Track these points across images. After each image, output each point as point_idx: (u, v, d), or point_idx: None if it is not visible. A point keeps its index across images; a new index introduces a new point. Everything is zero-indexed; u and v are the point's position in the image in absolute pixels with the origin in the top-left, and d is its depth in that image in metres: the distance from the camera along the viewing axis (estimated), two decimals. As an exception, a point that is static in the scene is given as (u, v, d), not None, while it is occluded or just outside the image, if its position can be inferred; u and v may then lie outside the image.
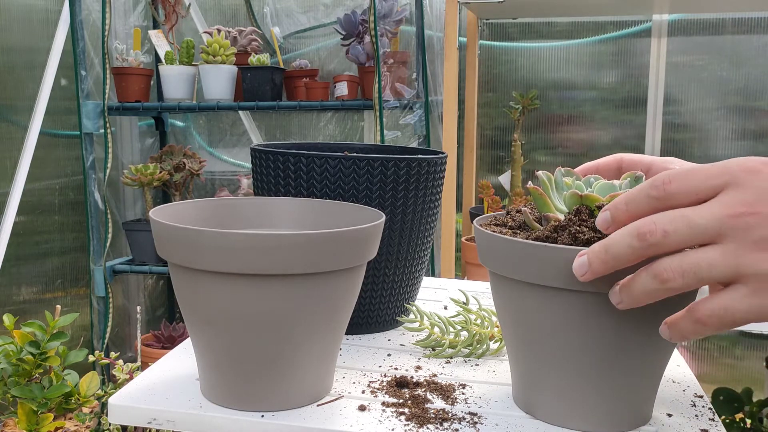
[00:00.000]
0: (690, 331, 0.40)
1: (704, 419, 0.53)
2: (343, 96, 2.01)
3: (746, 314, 0.38)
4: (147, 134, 2.49)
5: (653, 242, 0.38)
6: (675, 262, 0.38)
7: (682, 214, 0.38)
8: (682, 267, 0.38)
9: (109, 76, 2.08)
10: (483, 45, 2.13)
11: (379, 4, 1.89)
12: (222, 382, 0.53)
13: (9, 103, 1.97)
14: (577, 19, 2.06)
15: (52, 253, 2.15)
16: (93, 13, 2.16)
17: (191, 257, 0.48)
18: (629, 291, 0.41)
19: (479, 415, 0.53)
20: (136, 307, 1.78)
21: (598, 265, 0.41)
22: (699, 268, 0.38)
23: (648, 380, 0.50)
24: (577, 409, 0.50)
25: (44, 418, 1.23)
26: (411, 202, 0.69)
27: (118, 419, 0.54)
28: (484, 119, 2.18)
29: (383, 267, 0.71)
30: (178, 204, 0.58)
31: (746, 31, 1.95)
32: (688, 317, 0.40)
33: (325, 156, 0.66)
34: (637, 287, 0.40)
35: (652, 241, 0.38)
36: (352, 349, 0.68)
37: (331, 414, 0.53)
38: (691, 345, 2.06)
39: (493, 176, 2.16)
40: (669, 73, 2.01)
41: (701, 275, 0.38)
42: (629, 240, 0.39)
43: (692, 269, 0.38)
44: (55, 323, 1.26)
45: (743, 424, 1.59)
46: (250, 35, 2.14)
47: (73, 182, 2.20)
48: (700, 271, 0.38)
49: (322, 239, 0.48)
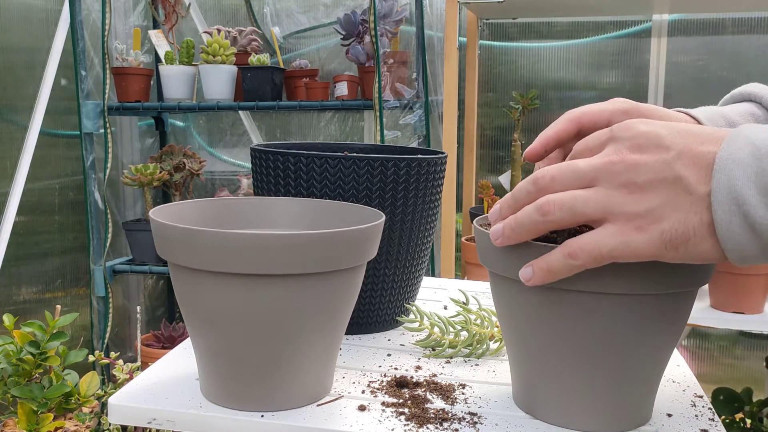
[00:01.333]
0: (560, 265, 0.43)
1: (704, 419, 0.53)
2: (343, 96, 2.01)
3: (612, 250, 0.41)
4: (147, 134, 2.49)
5: (543, 185, 0.44)
6: (556, 196, 0.43)
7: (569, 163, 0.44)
8: (561, 201, 0.42)
9: (109, 76, 2.08)
10: (483, 45, 2.13)
11: (379, 4, 1.89)
12: (222, 382, 0.53)
13: (9, 103, 1.97)
14: (577, 19, 2.06)
15: (52, 253, 2.15)
16: (93, 12, 2.16)
17: (191, 257, 0.48)
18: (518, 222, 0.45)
19: (479, 415, 0.53)
20: (136, 307, 1.78)
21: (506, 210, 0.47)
22: (575, 202, 0.42)
23: (648, 380, 0.50)
24: (577, 409, 0.50)
25: (44, 418, 1.23)
26: (411, 202, 0.69)
27: (118, 419, 0.54)
28: (484, 119, 2.18)
29: (383, 267, 0.71)
30: (178, 204, 0.58)
31: (746, 31, 1.95)
32: (560, 251, 0.43)
33: (325, 156, 0.66)
34: (525, 216, 0.44)
35: (542, 184, 0.44)
36: (352, 349, 0.68)
37: (330, 414, 0.53)
38: (691, 345, 2.06)
39: (493, 176, 2.16)
40: (669, 73, 2.01)
41: (576, 209, 0.42)
42: (527, 186, 0.45)
43: (569, 203, 0.42)
44: (55, 323, 1.26)
45: (743, 424, 1.59)
46: (250, 35, 2.14)
47: (73, 182, 2.20)
48: (576, 205, 0.42)
49: (322, 239, 0.48)
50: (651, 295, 0.45)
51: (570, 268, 0.43)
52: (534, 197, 0.44)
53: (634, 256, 0.41)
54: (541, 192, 0.44)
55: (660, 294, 0.46)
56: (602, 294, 0.45)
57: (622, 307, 0.46)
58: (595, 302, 0.46)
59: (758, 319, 1.32)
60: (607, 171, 0.42)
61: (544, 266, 0.44)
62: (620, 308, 0.46)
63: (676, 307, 0.47)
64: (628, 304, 0.46)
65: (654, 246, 0.41)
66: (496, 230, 0.46)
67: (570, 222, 0.43)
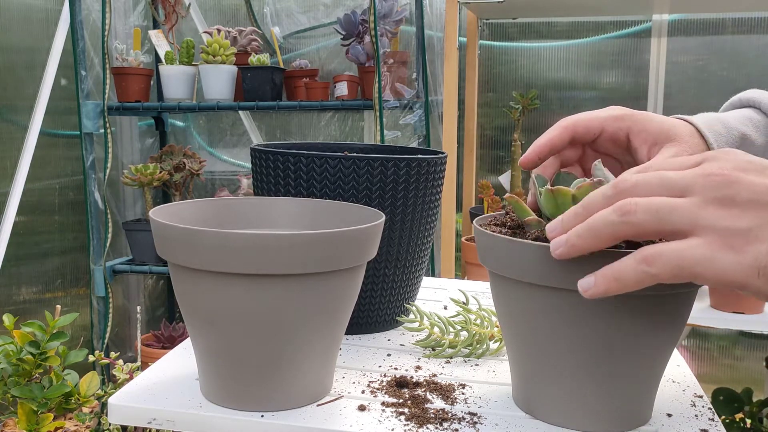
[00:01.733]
0: (631, 273, 0.39)
1: (704, 419, 0.53)
2: (343, 96, 2.01)
3: (696, 264, 0.37)
4: (147, 134, 2.49)
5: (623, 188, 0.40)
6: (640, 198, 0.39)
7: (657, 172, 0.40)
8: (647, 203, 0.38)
9: (109, 76, 2.08)
10: (483, 45, 2.13)
11: (379, 4, 1.89)
12: (222, 382, 0.53)
13: (9, 103, 1.97)
14: (577, 19, 2.06)
15: (52, 253, 2.15)
16: (93, 12, 2.16)
17: (191, 257, 0.48)
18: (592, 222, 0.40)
19: (479, 415, 0.53)
20: (136, 307, 1.78)
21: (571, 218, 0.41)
22: (662, 206, 0.38)
23: (648, 381, 0.50)
24: (577, 409, 0.50)
25: (44, 418, 1.23)
26: (411, 202, 0.69)
27: (119, 419, 0.54)
28: (484, 119, 2.18)
29: (383, 267, 0.71)
30: (178, 204, 0.58)
31: (746, 31, 1.95)
32: (633, 257, 0.39)
33: (325, 156, 0.66)
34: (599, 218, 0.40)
35: (622, 187, 0.40)
36: (351, 349, 0.68)
37: (330, 414, 0.53)
38: (691, 345, 2.06)
39: (493, 176, 2.16)
40: (669, 73, 2.01)
41: (662, 215, 0.38)
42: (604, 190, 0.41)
43: (655, 207, 0.38)
44: (55, 323, 1.26)
45: (743, 424, 1.59)
46: (250, 35, 2.14)
47: (73, 182, 2.20)
48: (662, 209, 0.38)
49: (322, 239, 0.48)
50: (651, 295, 0.45)
51: (642, 278, 0.39)
52: (611, 202, 0.40)
53: (717, 277, 0.37)
54: (621, 195, 0.40)
55: (660, 294, 0.46)
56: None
57: (622, 307, 0.46)
58: (595, 302, 0.46)
59: (758, 319, 1.32)
60: (705, 183, 0.38)
61: (610, 274, 0.40)
62: (620, 308, 0.46)
63: (676, 307, 0.47)
64: (628, 304, 0.46)
65: (744, 270, 0.37)
66: (559, 240, 0.41)
67: (652, 229, 0.39)
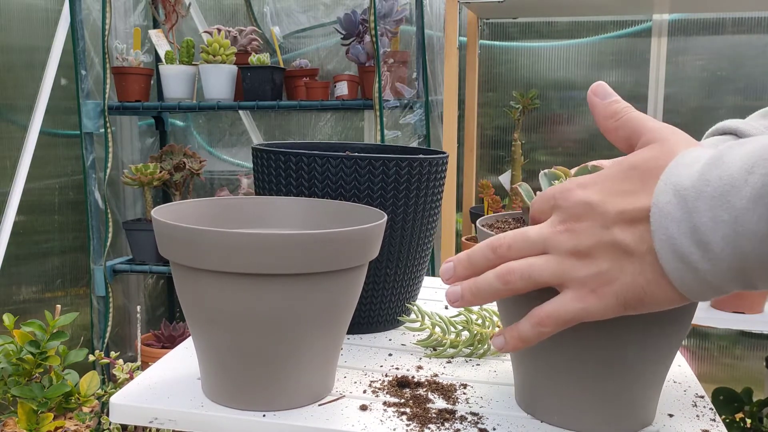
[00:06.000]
0: (530, 334, 0.45)
1: (705, 419, 0.53)
2: (343, 96, 2.01)
3: (575, 316, 0.43)
4: (147, 134, 2.49)
5: (501, 254, 0.46)
6: (516, 265, 0.45)
7: (522, 231, 0.45)
8: (521, 270, 0.44)
9: (109, 76, 2.08)
10: (483, 45, 2.13)
11: (379, 3, 1.89)
12: (223, 382, 0.53)
13: (9, 103, 1.97)
14: (577, 19, 2.06)
15: (52, 253, 2.15)
16: (93, 12, 2.16)
17: (193, 256, 0.48)
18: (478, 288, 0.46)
19: (481, 415, 0.53)
20: (136, 307, 1.78)
21: (461, 271, 0.47)
22: (533, 271, 0.44)
23: (650, 383, 0.50)
24: (580, 411, 0.50)
25: (44, 418, 1.23)
26: (412, 201, 0.69)
27: (120, 418, 0.54)
28: (484, 119, 2.18)
29: (384, 267, 0.71)
30: (179, 203, 0.58)
31: (746, 31, 1.95)
32: (528, 320, 0.45)
33: (327, 156, 0.66)
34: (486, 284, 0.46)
35: (500, 252, 0.46)
36: (353, 349, 0.68)
37: (332, 414, 0.53)
38: (691, 345, 2.06)
39: (493, 176, 2.16)
40: (669, 73, 2.01)
41: (534, 277, 0.44)
42: (485, 251, 0.46)
43: (527, 272, 0.44)
44: (55, 323, 1.26)
45: (743, 424, 1.59)
46: (250, 35, 2.14)
47: (73, 182, 2.20)
48: (533, 273, 0.44)
49: (324, 239, 0.48)
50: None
51: (540, 335, 0.45)
52: (493, 264, 0.46)
53: (596, 319, 0.43)
54: (500, 260, 0.46)
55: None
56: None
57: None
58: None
59: (758, 319, 1.32)
60: (555, 240, 0.44)
61: (515, 335, 0.45)
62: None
63: (679, 310, 0.47)
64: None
65: (611, 308, 0.42)
66: (455, 292, 0.47)
67: (532, 289, 0.44)
